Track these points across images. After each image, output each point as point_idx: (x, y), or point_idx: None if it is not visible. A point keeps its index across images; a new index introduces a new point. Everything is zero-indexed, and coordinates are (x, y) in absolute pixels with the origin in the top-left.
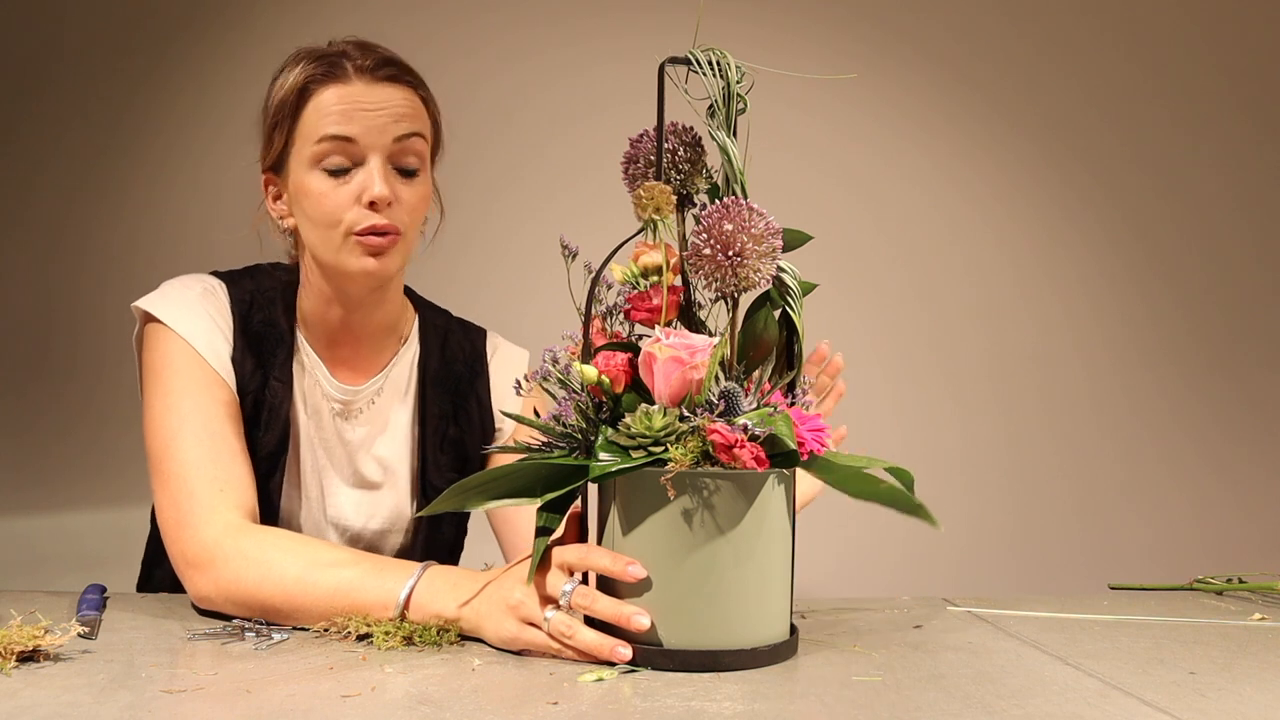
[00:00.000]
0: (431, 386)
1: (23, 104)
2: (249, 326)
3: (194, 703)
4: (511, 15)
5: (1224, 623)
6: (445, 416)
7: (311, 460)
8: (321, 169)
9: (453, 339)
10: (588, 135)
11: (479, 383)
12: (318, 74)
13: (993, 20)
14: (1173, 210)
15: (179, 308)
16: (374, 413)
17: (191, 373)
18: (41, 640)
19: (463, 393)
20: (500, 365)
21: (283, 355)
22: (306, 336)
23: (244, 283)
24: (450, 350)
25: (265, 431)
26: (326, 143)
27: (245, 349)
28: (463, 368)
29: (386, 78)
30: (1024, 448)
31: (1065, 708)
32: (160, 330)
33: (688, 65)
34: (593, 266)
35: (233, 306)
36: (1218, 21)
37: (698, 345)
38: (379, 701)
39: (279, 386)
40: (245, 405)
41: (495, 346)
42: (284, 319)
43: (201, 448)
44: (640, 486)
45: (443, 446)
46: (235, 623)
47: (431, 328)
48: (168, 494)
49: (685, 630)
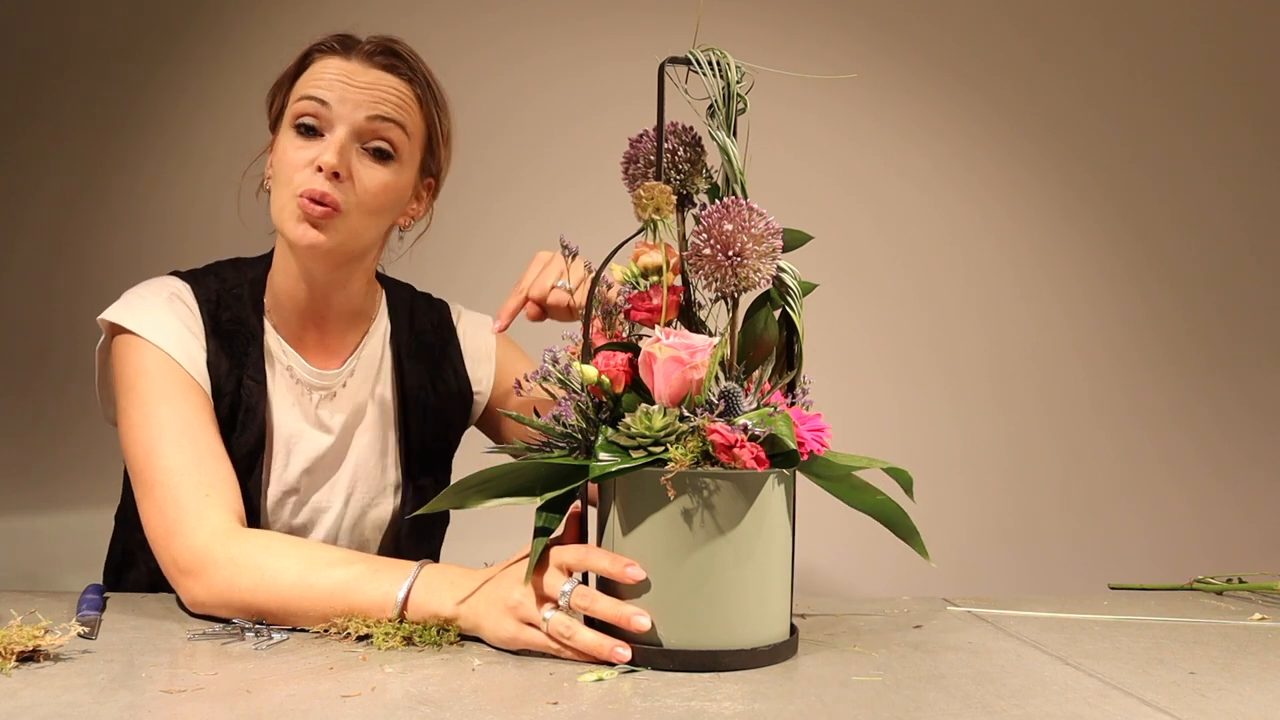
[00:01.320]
0: (407, 359)
1: (25, 107)
2: (219, 326)
3: (194, 703)
4: (511, 15)
5: (1224, 623)
6: (423, 386)
7: (285, 454)
8: (294, 128)
9: (419, 311)
10: (588, 135)
11: (450, 349)
12: (324, 45)
13: (993, 20)
14: (1173, 210)
15: (147, 315)
16: (348, 394)
17: (166, 379)
18: (41, 640)
19: (436, 360)
20: (468, 330)
21: (254, 353)
22: (276, 326)
23: (208, 281)
24: (419, 322)
25: (243, 432)
26: (303, 102)
27: (219, 350)
28: (433, 337)
29: (382, 65)
30: (1024, 448)
31: (1065, 708)
32: (130, 340)
33: (688, 65)
34: (593, 266)
35: (201, 307)
36: (1218, 21)
37: (698, 345)
38: (379, 701)
39: (253, 385)
40: (221, 407)
41: (459, 313)
42: (252, 314)
43: (183, 453)
44: (640, 486)
45: (425, 416)
46: (235, 623)
47: (399, 303)
48: (153, 503)
49: (685, 630)
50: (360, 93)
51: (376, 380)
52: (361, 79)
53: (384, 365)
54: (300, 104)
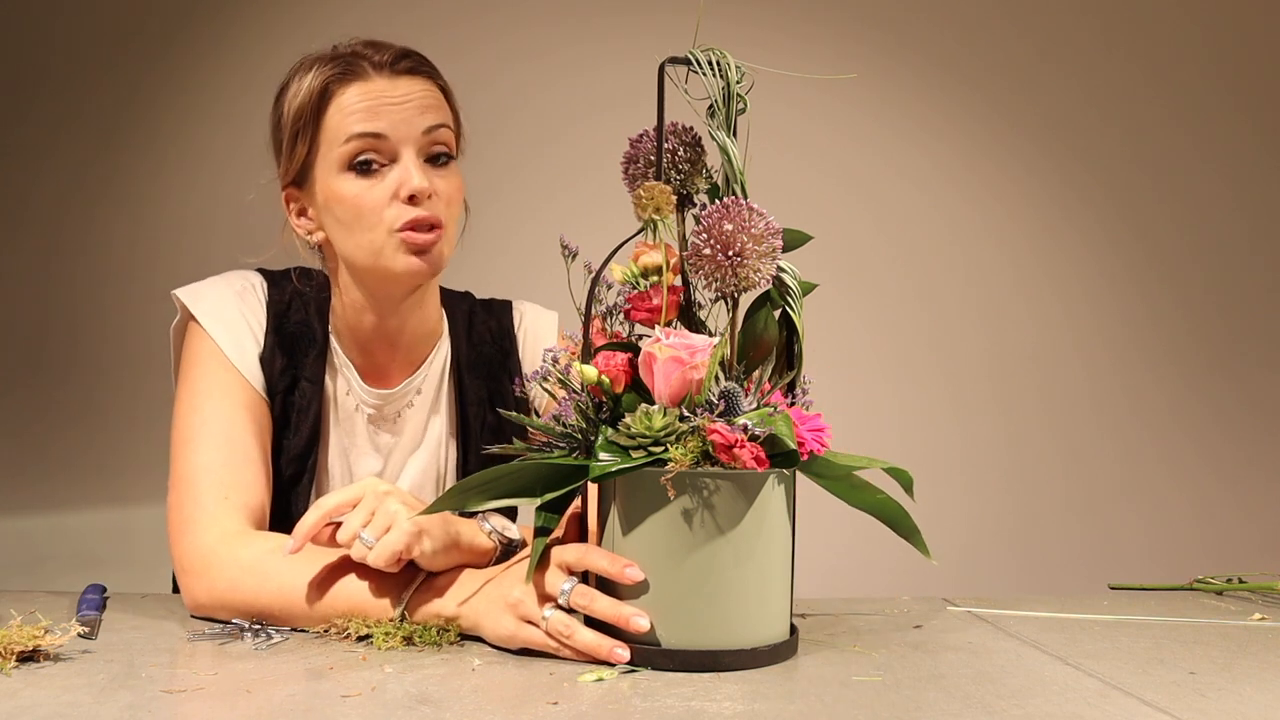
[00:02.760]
0: (467, 375)
1: (21, 102)
2: (283, 326)
3: (194, 703)
4: (511, 15)
5: (1224, 623)
6: (482, 402)
7: (341, 465)
8: (352, 170)
9: (477, 321)
10: (588, 135)
11: (510, 362)
12: (336, 74)
13: (993, 20)
14: (1172, 210)
15: (213, 307)
16: (408, 418)
17: (219, 375)
18: (41, 640)
19: (495, 375)
20: (529, 334)
21: (314, 356)
22: (339, 343)
23: (286, 285)
24: (476, 333)
25: (294, 434)
26: (355, 141)
27: (275, 348)
28: (492, 349)
29: (406, 70)
30: (1024, 448)
31: (1065, 708)
32: (195, 329)
33: (688, 65)
34: (593, 266)
35: (269, 305)
36: (1218, 22)
37: (698, 345)
38: (379, 701)
39: (309, 387)
40: (274, 407)
41: (521, 315)
42: (318, 323)
43: (216, 452)
44: (640, 486)
45: (483, 434)
46: (235, 623)
47: (458, 314)
48: (175, 497)
49: (685, 630)
50: (404, 109)
51: (436, 402)
52: (396, 94)
53: (443, 386)
54: (350, 146)
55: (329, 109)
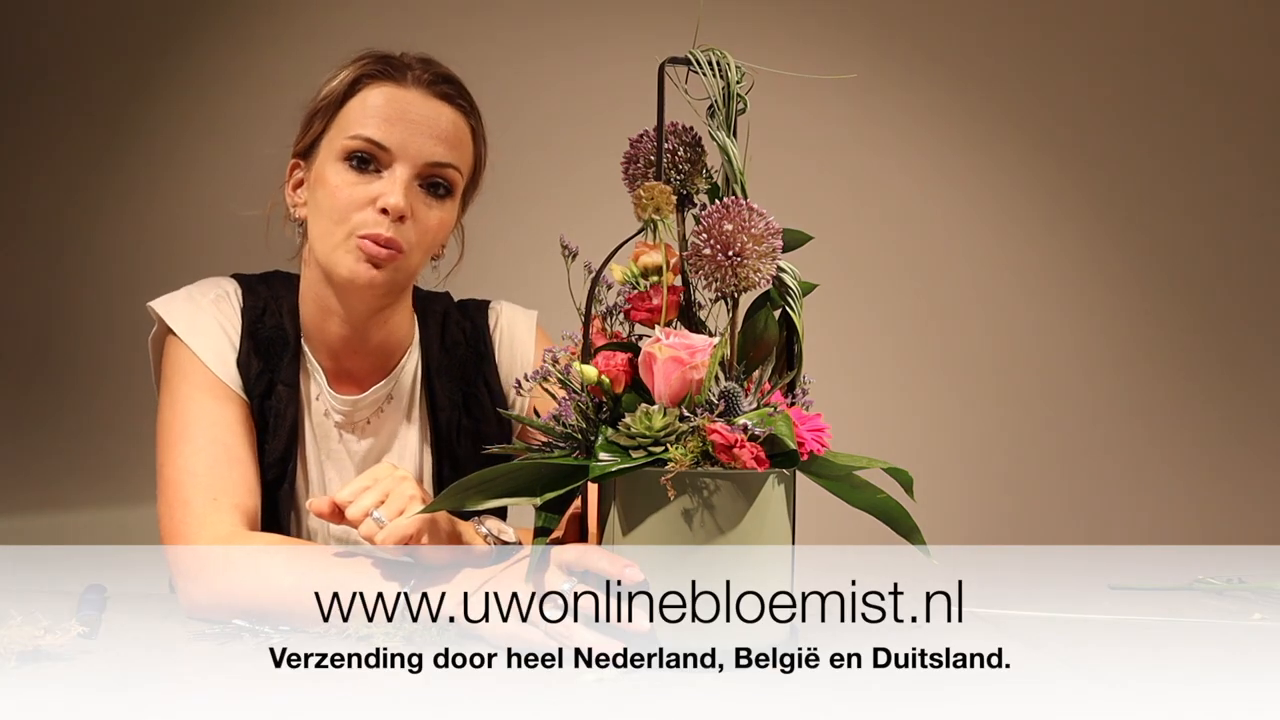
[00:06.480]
0: (438, 378)
1: (22, 103)
2: (258, 331)
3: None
4: (512, 15)
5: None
6: (456, 406)
7: (316, 470)
8: (348, 161)
9: (451, 323)
10: (588, 135)
11: (485, 365)
12: (373, 70)
13: (993, 20)
14: (1173, 210)
15: (188, 317)
16: (379, 423)
17: (199, 382)
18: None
19: (469, 378)
20: (505, 334)
21: (288, 359)
22: (309, 347)
23: (260, 290)
24: (450, 336)
25: (272, 438)
26: (359, 142)
27: (251, 352)
28: (466, 351)
29: (441, 94)
30: (1024, 447)
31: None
32: (172, 339)
33: (688, 65)
34: (593, 266)
35: (244, 311)
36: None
37: (698, 345)
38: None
39: (285, 391)
40: (254, 411)
41: (497, 316)
42: (290, 325)
43: (202, 456)
44: (640, 486)
45: (458, 439)
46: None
47: (431, 317)
48: (165, 501)
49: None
50: (420, 129)
51: (410, 409)
52: (419, 110)
53: (415, 391)
54: (354, 142)
55: (353, 100)
